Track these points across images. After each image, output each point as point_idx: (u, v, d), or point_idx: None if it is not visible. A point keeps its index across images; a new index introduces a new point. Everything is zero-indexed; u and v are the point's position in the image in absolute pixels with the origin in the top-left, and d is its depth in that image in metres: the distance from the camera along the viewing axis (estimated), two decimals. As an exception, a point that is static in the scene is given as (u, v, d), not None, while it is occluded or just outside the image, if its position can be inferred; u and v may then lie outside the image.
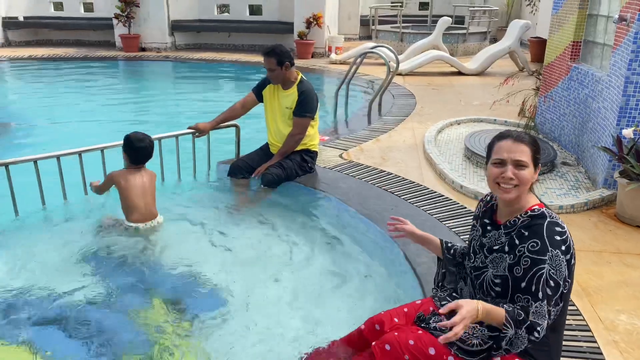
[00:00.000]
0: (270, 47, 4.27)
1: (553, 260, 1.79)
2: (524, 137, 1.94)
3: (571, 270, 1.87)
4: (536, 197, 1.98)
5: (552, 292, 1.79)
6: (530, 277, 1.81)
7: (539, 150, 1.96)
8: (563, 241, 1.82)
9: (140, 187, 3.60)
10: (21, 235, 3.62)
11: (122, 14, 11.80)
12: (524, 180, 1.89)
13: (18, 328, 2.71)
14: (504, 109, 6.71)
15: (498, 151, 1.94)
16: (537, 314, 1.78)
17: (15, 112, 7.63)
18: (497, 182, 1.92)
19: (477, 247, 2.06)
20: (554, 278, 1.79)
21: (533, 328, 1.78)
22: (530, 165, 1.90)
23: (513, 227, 1.93)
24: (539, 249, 1.81)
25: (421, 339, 2.04)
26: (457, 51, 11.80)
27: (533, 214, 1.90)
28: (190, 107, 7.66)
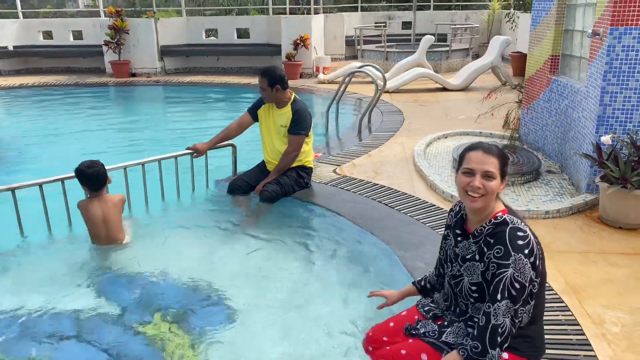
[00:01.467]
0: (266, 67, 4.47)
1: (516, 263, 1.90)
2: (493, 149, 2.06)
3: (538, 270, 1.96)
4: (502, 204, 2.10)
5: (518, 293, 1.90)
6: (496, 282, 1.93)
7: (507, 162, 2.09)
8: (526, 245, 1.92)
9: (100, 216, 3.68)
10: (27, 257, 3.71)
11: (111, 40, 11.98)
12: (490, 191, 2.01)
13: (28, 345, 2.80)
14: (488, 122, 6.94)
15: (468, 161, 2.06)
16: (496, 315, 1.91)
17: (8, 140, 7.72)
18: (466, 190, 2.04)
19: (452, 257, 2.18)
20: (519, 280, 1.90)
21: (496, 331, 1.90)
22: (497, 176, 2.02)
23: (480, 236, 2.05)
24: (503, 254, 1.93)
25: (412, 347, 2.15)
26: (441, 68, 12.10)
27: (496, 221, 2.02)
28: (182, 129, 7.80)
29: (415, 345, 2.17)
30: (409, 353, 2.15)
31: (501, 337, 1.91)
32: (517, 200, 4.31)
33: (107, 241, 3.74)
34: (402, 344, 2.21)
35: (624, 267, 3.25)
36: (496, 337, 1.91)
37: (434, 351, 2.14)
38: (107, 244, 3.74)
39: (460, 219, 2.20)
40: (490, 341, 1.91)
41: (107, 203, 3.73)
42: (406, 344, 2.20)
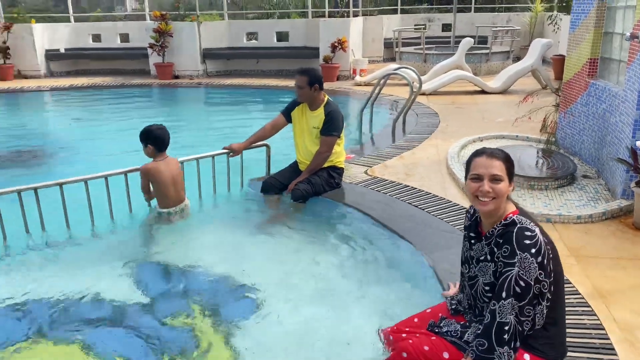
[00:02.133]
0: (306, 68, 4.60)
1: (522, 262, 1.94)
2: (497, 153, 2.12)
3: (547, 270, 1.99)
4: (514, 205, 2.15)
5: (523, 291, 1.94)
6: (502, 280, 1.98)
7: (512, 164, 2.14)
8: (533, 244, 1.96)
9: (170, 177, 4.04)
10: (71, 247, 3.94)
11: (156, 43, 12.39)
12: (499, 193, 2.06)
13: (72, 329, 2.99)
14: (526, 125, 6.85)
15: (475, 167, 2.12)
16: (501, 313, 1.95)
17: (58, 137, 8.15)
18: (476, 196, 2.10)
19: (468, 258, 2.25)
20: (524, 279, 1.94)
21: (502, 329, 1.94)
22: (505, 178, 2.08)
23: (492, 237, 2.10)
24: (509, 253, 1.98)
25: (435, 344, 2.21)
26: (481, 71, 11.98)
27: (506, 222, 2.07)
28: (221, 130, 8.02)
29: (438, 343, 2.23)
30: (432, 350, 2.20)
31: (508, 334, 1.95)
32: (550, 204, 4.28)
33: (175, 201, 4.12)
34: (424, 339, 2.26)
35: (656, 273, 3.20)
36: (502, 335, 1.95)
37: (456, 350, 2.19)
38: (174, 205, 4.13)
39: (475, 222, 2.26)
40: (497, 339, 1.95)
41: (173, 165, 4.10)
42: (429, 340, 2.25)
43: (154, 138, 4.02)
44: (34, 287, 3.38)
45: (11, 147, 7.21)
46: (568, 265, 3.31)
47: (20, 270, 3.61)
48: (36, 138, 7.88)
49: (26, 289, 3.35)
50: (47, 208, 3.98)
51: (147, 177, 4.07)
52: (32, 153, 7.00)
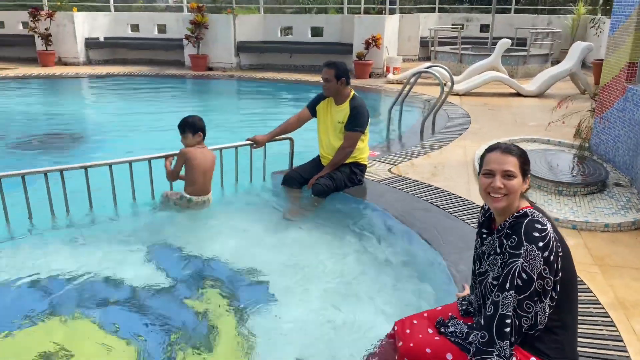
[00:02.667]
0: (333, 61, 4.56)
1: (527, 254, 1.88)
2: (512, 148, 2.05)
3: (553, 267, 1.92)
4: (527, 202, 2.08)
5: (524, 284, 1.88)
6: (507, 271, 1.92)
7: (527, 161, 2.06)
8: (541, 238, 1.89)
9: (203, 165, 4.13)
10: (94, 228, 4.03)
11: (192, 35, 12.55)
12: (512, 190, 2.00)
13: (90, 307, 3.07)
14: (559, 130, 6.66)
15: (487, 162, 2.06)
16: (504, 305, 1.89)
17: (94, 123, 8.36)
18: (488, 192, 2.03)
19: (480, 254, 2.19)
20: (527, 271, 1.88)
21: (504, 322, 1.88)
22: (518, 175, 2.01)
23: (503, 230, 2.04)
24: (516, 244, 1.92)
25: (438, 345, 2.15)
26: (518, 73, 11.70)
27: (518, 214, 2.00)
28: (251, 122, 8.08)
29: (441, 344, 2.17)
30: (434, 352, 2.15)
31: (509, 328, 1.89)
32: (577, 211, 4.14)
33: (200, 191, 4.20)
34: (427, 341, 2.21)
35: (684, 288, 3.06)
36: (504, 328, 1.89)
37: (460, 351, 2.13)
38: (199, 194, 4.20)
39: (488, 219, 2.20)
40: (498, 331, 1.90)
41: (209, 156, 4.21)
42: (432, 342, 2.20)
43: (203, 129, 4.17)
44: (55, 265, 3.47)
45: (49, 130, 7.45)
46: (591, 274, 3.20)
47: (42, 248, 3.71)
48: (72, 123, 8.11)
49: (49, 267, 3.45)
50: (72, 190, 4.08)
51: (183, 159, 4.12)
52: (67, 137, 7.20)
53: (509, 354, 1.92)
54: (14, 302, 3.11)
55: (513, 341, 1.91)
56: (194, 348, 2.75)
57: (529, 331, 1.99)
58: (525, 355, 2.04)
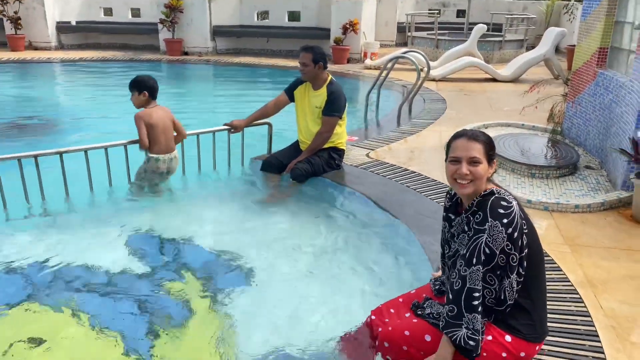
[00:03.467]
0: (310, 45, 4.56)
1: (491, 229, 1.94)
2: (477, 135, 2.09)
3: (517, 244, 1.98)
4: (494, 184, 2.13)
5: (487, 258, 1.95)
6: (471, 246, 1.99)
7: (493, 146, 2.11)
8: (506, 215, 1.95)
9: (161, 124, 4.15)
10: (71, 216, 3.99)
11: (166, 19, 12.35)
12: (478, 176, 2.04)
13: (67, 294, 3.05)
14: (534, 114, 6.79)
15: (454, 149, 2.10)
16: (471, 279, 1.97)
17: (67, 108, 8.21)
18: (455, 178, 2.08)
19: (449, 238, 2.24)
20: (489, 246, 1.95)
21: (472, 295, 1.95)
22: (484, 161, 2.05)
23: (470, 209, 2.09)
24: (481, 220, 1.98)
25: (416, 327, 2.21)
26: (493, 58, 11.84)
27: (485, 193, 2.06)
28: (227, 107, 8.03)
29: (420, 326, 2.22)
30: (413, 334, 2.20)
31: (477, 301, 1.95)
32: (549, 193, 4.25)
33: (165, 149, 4.22)
34: (405, 324, 2.26)
35: (649, 265, 3.19)
36: (472, 301, 1.96)
37: (438, 332, 2.19)
38: (164, 153, 4.22)
39: (455, 203, 2.25)
40: (466, 304, 1.96)
41: (165, 113, 4.22)
42: (410, 325, 2.24)
43: (150, 88, 4.19)
44: (31, 253, 3.43)
45: (19, 116, 7.28)
46: (562, 253, 3.31)
47: (18, 236, 3.67)
48: (44, 108, 7.94)
49: (23, 255, 3.41)
50: (47, 176, 4.02)
51: (141, 122, 4.10)
52: (39, 122, 7.06)
53: (478, 326, 1.98)
54: (-11, 291, 3.08)
55: (482, 313, 1.98)
56: (173, 332, 2.76)
57: (498, 306, 2.06)
58: (500, 334, 2.11)
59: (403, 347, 2.20)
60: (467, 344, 1.97)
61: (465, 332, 1.98)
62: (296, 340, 2.67)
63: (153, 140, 4.15)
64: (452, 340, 1.99)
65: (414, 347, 2.18)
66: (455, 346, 2.00)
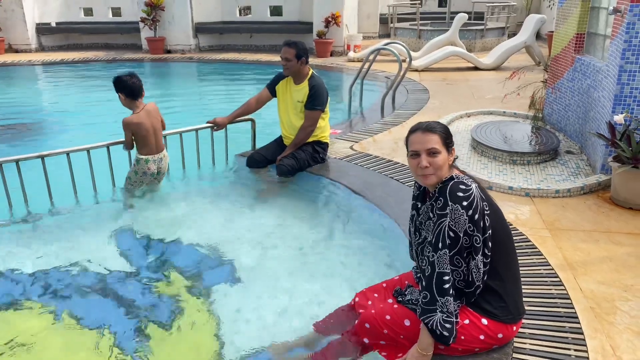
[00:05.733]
0: (293, 40, 4.55)
1: (452, 213, 2.01)
2: (432, 126, 2.15)
3: (479, 226, 2.03)
4: (457, 170, 2.20)
5: (452, 241, 2.02)
6: (437, 231, 2.05)
7: (449, 135, 2.18)
8: (465, 198, 2.02)
9: (151, 127, 4.09)
10: (55, 219, 3.98)
11: (148, 17, 12.27)
12: (437, 165, 2.11)
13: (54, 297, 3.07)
14: (515, 102, 6.86)
15: (412, 144, 2.16)
16: (439, 263, 2.03)
17: (50, 111, 8.14)
18: (417, 173, 2.15)
19: (418, 225, 2.30)
20: (453, 229, 2.01)
21: (442, 279, 2.02)
22: (442, 150, 2.12)
23: (434, 196, 2.15)
24: (442, 205, 2.05)
25: (397, 312, 2.27)
26: (475, 47, 11.91)
27: (445, 180, 2.12)
28: (212, 105, 8.02)
29: (400, 311, 2.28)
30: (393, 318, 2.26)
31: (448, 285, 2.01)
32: (530, 179, 4.31)
33: (156, 149, 4.17)
34: (386, 309, 2.32)
35: (627, 246, 3.25)
36: (443, 285, 2.02)
37: (417, 318, 2.24)
38: (154, 153, 4.16)
39: (422, 192, 2.32)
40: (438, 289, 2.02)
41: (153, 112, 4.13)
42: (391, 309, 2.30)
43: (129, 88, 4.00)
44: (16, 258, 3.44)
45: (1, 121, 7.21)
46: (542, 237, 3.37)
47: (1, 241, 3.65)
48: (26, 112, 7.86)
49: (8, 260, 3.41)
50: (30, 180, 4.01)
51: (130, 129, 4.03)
52: (21, 126, 6.99)
53: (452, 309, 2.04)
54: (-25, 296, 3.08)
55: (452, 295, 2.03)
56: (162, 331, 2.79)
57: (468, 288, 2.11)
58: (477, 317, 2.18)
59: (383, 331, 2.26)
60: (443, 327, 2.04)
61: (440, 316, 2.04)
62: (284, 334, 2.71)
63: (142, 142, 4.09)
64: (429, 326, 2.05)
65: (393, 330, 2.25)
66: (431, 332, 2.06)
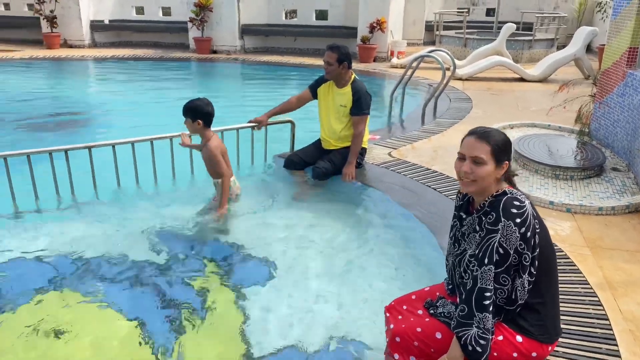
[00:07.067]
0: (336, 44, 4.57)
1: (505, 229, 1.94)
2: (488, 135, 2.05)
3: (530, 243, 1.97)
4: (510, 185, 2.11)
5: (501, 258, 1.95)
6: (484, 246, 1.99)
7: (503, 148, 2.06)
8: (519, 214, 1.95)
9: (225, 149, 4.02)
10: (96, 208, 4.12)
11: (196, 17, 12.54)
12: (479, 176, 2.02)
13: (93, 284, 3.17)
14: (561, 115, 6.68)
15: (462, 146, 2.10)
16: (482, 279, 1.97)
17: (100, 104, 8.43)
18: (459, 176, 2.09)
19: (460, 237, 2.24)
20: (503, 246, 1.95)
21: (483, 295, 1.96)
22: (489, 162, 2.02)
23: (482, 209, 2.08)
24: (494, 220, 1.97)
25: (428, 325, 2.22)
26: (522, 58, 11.67)
27: (497, 194, 2.05)
28: (253, 106, 8.10)
29: (431, 324, 2.24)
30: (424, 331, 2.22)
31: (488, 301, 1.96)
32: (572, 195, 4.20)
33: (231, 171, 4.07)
34: (418, 322, 2.29)
35: (673, 269, 3.13)
36: (483, 301, 1.96)
37: (449, 331, 2.20)
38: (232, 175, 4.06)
39: (467, 202, 2.25)
40: (477, 304, 1.97)
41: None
42: (423, 323, 2.27)
43: (206, 115, 3.79)
44: (59, 244, 3.57)
45: (54, 112, 7.54)
46: (582, 255, 3.27)
47: (48, 227, 3.81)
48: (77, 105, 8.19)
49: (53, 246, 3.55)
50: (77, 170, 4.17)
51: (219, 155, 3.86)
52: (72, 118, 7.28)
53: (489, 325, 1.99)
54: (18, 279, 3.21)
55: (493, 313, 1.99)
56: (193, 323, 2.84)
57: (509, 306, 2.06)
58: (511, 334, 2.12)
59: (414, 343, 2.23)
60: (477, 343, 1.99)
61: (476, 332, 1.99)
62: (312, 334, 2.72)
63: (228, 165, 4.01)
64: (462, 341, 2.01)
65: (424, 343, 2.20)
66: (462, 347, 2.02)
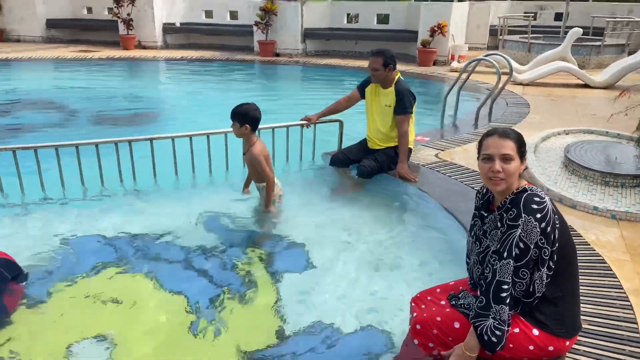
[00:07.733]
0: (380, 49, 4.72)
1: (525, 225, 2.01)
2: (509, 132, 2.16)
3: (550, 238, 2.04)
4: (526, 181, 2.19)
5: (521, 252, 2.02)
6: (505, 241, 2.06)
7: (524, 143, 2.17)
8: (539, 210, 2.02)
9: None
10: (154, 196, 4.47)
11: (261, 21, 12.99)
12: (510, 173, 2.11)
13: (146, 263, 3.47)
14: (622, 122, 6.43)
15: (486, 147, 2.17)
16: (501, 272, 2.04)
17: (168, 102, 9.01)
18: (488, 176, 2.15)
19: (481, 235, 2.31)
20: (524, 240, 2.02)
21: (500, 288, 2.03)
22: (516, 157, 2.12)
23: (503, 207, 2.15)
24: (515, 216, 2.05)
25: (447, 315, 2.33)
26: (590, 63, 11.28)
27: (517, 191, 2.13)
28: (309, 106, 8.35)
29: (451, 314, 2.35)
30: (443, 320, 2.33)
31: (506, 293, 2.04)
32: (620, 202, 4.11)
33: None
34: (438, 311, 2.40)
35: None
36: (500, 293, 2.04)
37: (467, 320, 2.30)
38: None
39: (487, 201, 2.33)
40: (494, 296, 2.05)
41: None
42: (443, 312, 2.38)
43: (253, 119, 3.84)
44: (121, 227, 3.92)
45: (126, 107, 8.14)
46: (619, 260, 3.24)
47: (111, 211, 4.18)
48: (147, 101, 8.79)
49: (115, 228, 3.90)
50: (137, 159, 4.54)
51: (263, 160, 3.89)
52: (142, 112, 7.84)
53: (505, 317, 2.07)
54: (82, 254, 3.56)
55: (510, 305, 2.06)
56: (232, 305, 3.06)
57: (526, 298, 2.13)
58: (528, 327, 2.19)
59: (433, 331, 2.34)
60: (493, 334, 2.07)
61: (492, 322, 2.08)
62: (344, 322, 2.88)
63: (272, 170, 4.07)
64: (479, 331, 2.09)
65: (442, 331, 2.31)
66: (478, 337, 2.10)
